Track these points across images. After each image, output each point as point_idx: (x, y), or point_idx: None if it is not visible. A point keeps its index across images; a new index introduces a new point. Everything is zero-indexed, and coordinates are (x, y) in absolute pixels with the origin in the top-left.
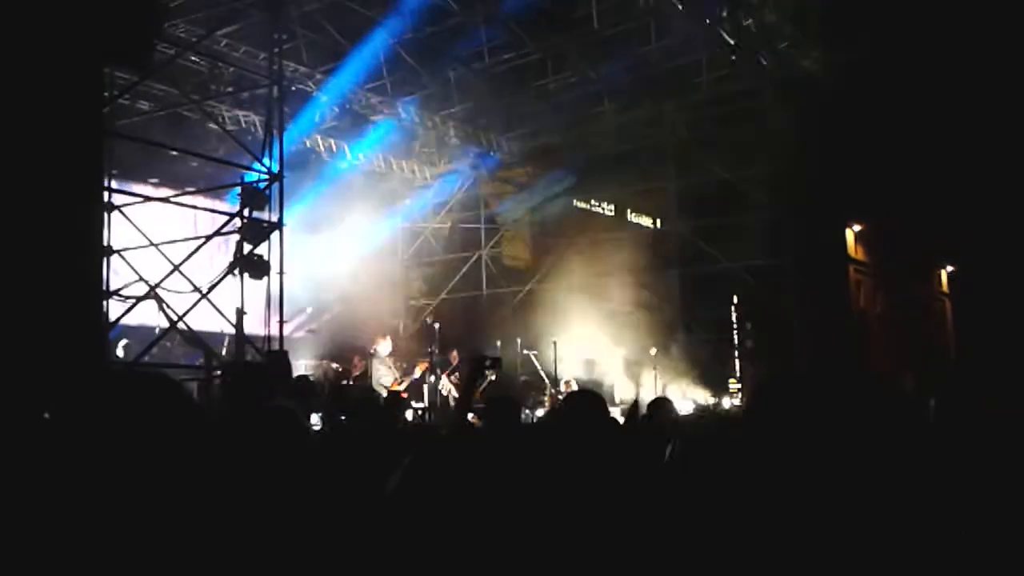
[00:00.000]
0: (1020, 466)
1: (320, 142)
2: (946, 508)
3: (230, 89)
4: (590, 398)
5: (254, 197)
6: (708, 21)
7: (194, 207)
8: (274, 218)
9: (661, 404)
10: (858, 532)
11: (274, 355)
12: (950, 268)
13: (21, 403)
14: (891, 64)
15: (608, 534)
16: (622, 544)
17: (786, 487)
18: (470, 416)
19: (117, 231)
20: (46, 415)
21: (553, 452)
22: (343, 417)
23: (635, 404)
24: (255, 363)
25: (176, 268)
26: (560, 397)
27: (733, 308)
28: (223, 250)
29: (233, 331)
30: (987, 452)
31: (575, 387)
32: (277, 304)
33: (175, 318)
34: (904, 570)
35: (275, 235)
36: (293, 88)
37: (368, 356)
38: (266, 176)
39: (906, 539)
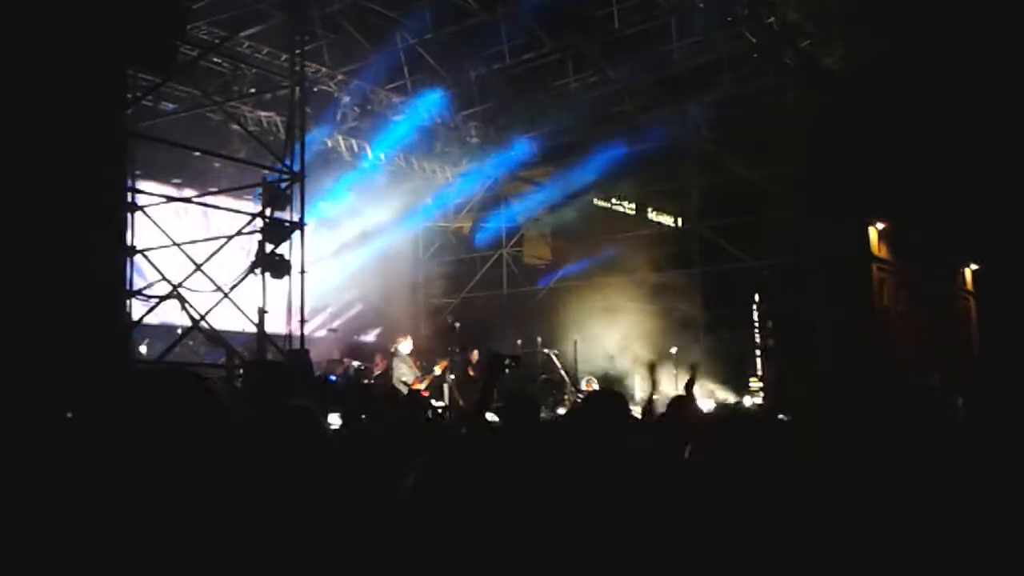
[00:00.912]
0: None
1: (341, 142)
2: (977, 505)
3: (252, 90)
4: (610, 398)
5: (276, 197)
6: (730, 20)
7: (216, 207)
8: (296, 218)
9: (682, 403)
10: (886, 529)
11: (295, 354)
12: (974, 266)
13: (46, 401)
14: (913, 62)
15: (624, 533)
16: (638, 543)
17: (810, 485)
18: (489, 415)
19: (140, 231)
20: (69, 414)
21: (572, 451)
22: (363, 416)
23: (650, 401)
24: (275, 361)
25: (199, 268)
26: (580, 396)
27: (755, 307)
28: (245, 250)
29: (255, 330)
30: (1017, 449)
31: (596, 386)
32: (298, 303)
33: (197, 317)
34: (932, 566)
35: (296, 235)
36: (315, 89)
37: (389, 355)
38: (288, 176)
39: (935, 536)
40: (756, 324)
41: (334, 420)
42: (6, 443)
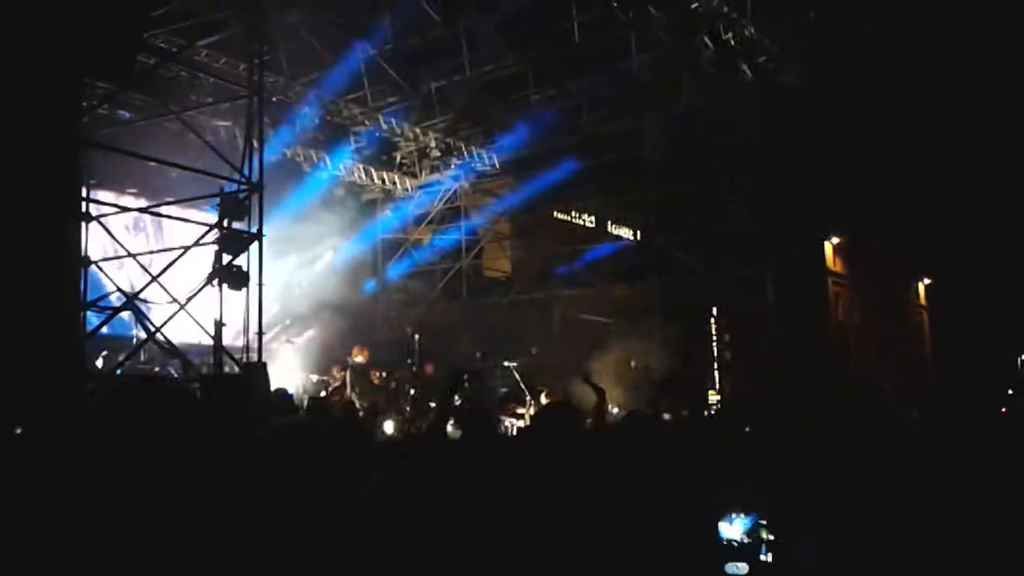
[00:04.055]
0: (1004, 473)
1: (300, 153)
2: (938, 514)
3: (210, 100)
4: (559, 411)
5: (233, 208)
6: (688, 35)
7: (173, 218)
8: (253, 229)
9: (634, 416)
10: (849, 541)
11: (252, 367)
12: (927, 280)
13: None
14: (869, 78)
15: (579, 541)
16: (593, 550)
17: (776, 494)
18: (449, 427)
19: (95, 241)
20: (18, 431)
21: (526, 463)
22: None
23: (598, 407)
24: (232, 374)
25: (155, 279)
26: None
27: (712, 320)
28: (199, 261)
29: (212, 342)
30: (975, 461)
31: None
32: (256, 315)
33: (152, 329)
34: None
35: (254, 246)
36: (273, 99)
37: (347, 368)
38: (246, 187)
39: (897, 546)
40: (714, 337)
41: None
42: None
